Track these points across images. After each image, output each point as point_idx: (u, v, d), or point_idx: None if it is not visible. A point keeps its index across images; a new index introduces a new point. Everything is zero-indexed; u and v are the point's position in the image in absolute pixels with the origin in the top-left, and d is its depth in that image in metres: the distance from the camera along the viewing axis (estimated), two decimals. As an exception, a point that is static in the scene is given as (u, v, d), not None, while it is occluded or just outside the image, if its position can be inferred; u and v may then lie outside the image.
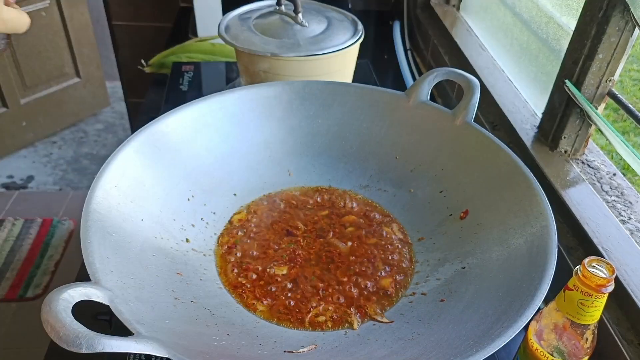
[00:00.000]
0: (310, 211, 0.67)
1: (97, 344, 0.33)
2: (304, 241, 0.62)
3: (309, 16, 0.83)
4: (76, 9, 2.15)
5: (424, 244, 0.62)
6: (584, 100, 0.65)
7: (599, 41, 0.62)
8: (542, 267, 0.46)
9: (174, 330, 0.44)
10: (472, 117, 0.63)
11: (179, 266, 0.55)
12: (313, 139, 0.71)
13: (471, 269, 0.55)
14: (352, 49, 0.80)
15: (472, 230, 0.58)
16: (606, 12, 0.61)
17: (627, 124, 1.99)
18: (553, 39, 0.77)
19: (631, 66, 2.31)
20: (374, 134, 0.70)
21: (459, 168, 0.63)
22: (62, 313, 0.34)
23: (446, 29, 1.07)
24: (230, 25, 0.83)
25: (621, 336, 0.52)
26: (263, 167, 0.70)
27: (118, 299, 0.41)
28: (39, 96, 2.19)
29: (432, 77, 0.65)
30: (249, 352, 0.47)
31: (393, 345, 0.48)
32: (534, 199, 0.53)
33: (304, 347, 0.49)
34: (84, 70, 2.30)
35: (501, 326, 0.42)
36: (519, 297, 0.45)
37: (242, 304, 0.55)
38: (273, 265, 0.59)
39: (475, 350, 0.40)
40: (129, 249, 0.50)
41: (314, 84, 0.70)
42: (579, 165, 0.70)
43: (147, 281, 0.49)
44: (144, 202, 0.56)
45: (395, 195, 0.68)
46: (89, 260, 0.44)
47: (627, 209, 0.63)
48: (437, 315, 0.51)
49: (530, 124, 0.77)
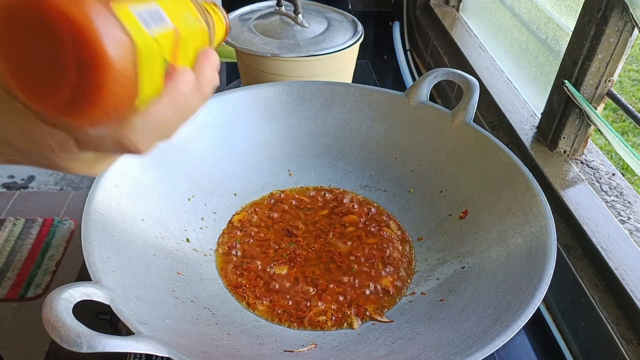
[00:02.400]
0: (310, 211, 0.67)
1: (97, 344, 0.33)
2: (304, 241, 0.62)
3: (309, 17, 0.84)
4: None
5: (423, 243, 0.62)
6: (583, 100, 0.65)
7: (598, 42, 0.62)
8: (541, 267, 0.46)
9: (175, 329, 0.44)
10: (471, 118, 0.63)
11: (179, 266, 0.55)
12: (313, 139, 0.71)
13: (470, 268, 0.55)
14: (352, 50, 0.80)
15: (472, 230, 0.58)
16: (605, 13, 0.61)
17: (626, 124, 1.99)
18: (552, 39, 0.78)
19: (630, 66, 2.31)
20: (374, 134, 0.70)
21: (458, 168, 0.63)
22: (63, 313, 0.34)
23: (446, 30, 1.08)
24: (231, 26, 0.83)
25: (620, 336, 0.52)
26: (263, 167, 0.70)
27: (119, 298, 0.42)
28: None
29: (432, 78, 0.65)
30: (249, 351, 0.47)
31: (393, 344, 0.48)
32: (533, 199, 0.53)
33: (304, 347, 0.49)
34: (84, 71, 2.30)
35: (500, 326, 0.42)
36: (518, 296, 0.45)
37: (242, 303, 0.55)
38: (273, 265, 0.59)
39: (474, 350, 0.40)
40: (129, 248, 0.50)
41: (314, 84, 0.70)
42: (578, 165, 0.70)
43: (147, 281, 0.49)
44: (144, 202, 0.56)
45: (395, 195, 0.68)
46: (90, 260, 0.44)
47: (626, 208, 0.63)
48: (436, 315, 0.51)
49: (529, 124, 0.77)
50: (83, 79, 0.18)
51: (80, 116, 0.19)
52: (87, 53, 0.17)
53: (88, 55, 0.17)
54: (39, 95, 0.19)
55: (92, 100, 0.18)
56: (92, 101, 0.18)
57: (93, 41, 0.17)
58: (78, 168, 0.24)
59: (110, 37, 0.17)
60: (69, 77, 0.18)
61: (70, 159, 0.23)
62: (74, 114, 0.19)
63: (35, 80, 0.18)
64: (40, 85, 0.18)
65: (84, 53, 0.17)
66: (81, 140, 0.22)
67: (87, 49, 0.17)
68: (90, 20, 0.17)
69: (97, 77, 0.18)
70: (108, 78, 0.18)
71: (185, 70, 0.23)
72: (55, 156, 0.23)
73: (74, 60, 0.17)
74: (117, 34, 0.18)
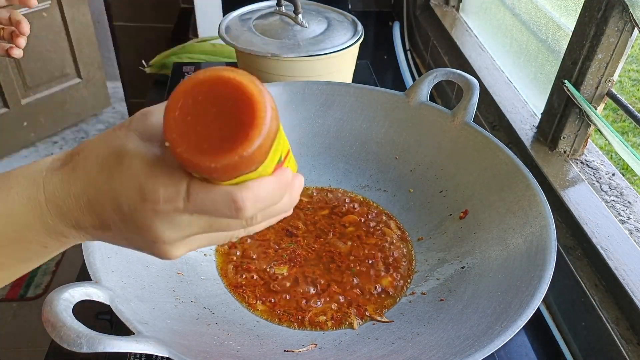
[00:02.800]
0: (310, 211, 0.67)
1: (98, 344, 0.33)
2: (304, 241, 0.62)
3: (309, 17, 0.84)
4: (77, 9, 2.15)
5: (423, 243, 0.62)
6: (583, 100, 0.65)
7: (598, 42, 0.62)
8: (541, 267, 0.46)
9: (175, 329, 0.44)
10: (471, 118, 0.63)
11: (179, 266, 0.55)
12: (313, 139, 0.71)
13: (470, 268, 0.55)
14: (351, 50, 0.80)
15: (472, 230, 0.58)
16: (605, 13, 0.61)
17: (626, 124, 1.99)
18: (552, 39, 0.78)
19: (630, 66, 2.31)
20: (374, 134, 0.70)
21: (458, 168, 0.63)
22: (63, 313, 0.34)
23: (446, 30, 1.08)
24: (231, 26, 0.83)
25: (620, 336, 0.52)
26: (263, 167, 0.70)
27: (119, 298, 0.42)
28: (40, 96, 2.19)
29: (432, 78, 0.65)
30: (249, 351, 0.47)
31: (393, 344, 0.48)
32: (533, 199, 0.53)
33: (304, 347, 0.49)
34: (85, 71, 2.30)
35: (500, 326, 0.42)
36: (518, 296, 0.45)
37: (242, 303, 0.55)
38: (273, 265, 0.59)
39: (474, 350, 0.40)
40: (129, 248, 0.50)
41: (314, 84, 0.70)
42: (578, 165, 0.70)
43: (147, 281, 0.49)
44: (144, 202, 0.56)
45: (395, 195, 0.68)
46: (90, 260, 0.44)
47: (626, 208, 0.63)
48: (436, 315, 0.51)
49: (529, 124, 0.77)
50: (241, 131, 0.23)
51: (225, 153, 0.23)
52: (250, 115, 0.23)
53: (251, 116, 0.23)
54: (204, 152, 0.24)
55: (241, 142, 0.23)
56: (240, 142, 0.23)
57: (260, 109, 0.24)
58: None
59: (268, 108, 0.24)
60: (232, 132, 0.24)
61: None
62: (223, 152, 0.23)
63: (203, 140, 0.24)
64: (207, 144, 0.24)
65: (248, 115, 0.24)
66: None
67: (252, 114, 0.23)
68: (263, 96, 0.24)
69: (252, 132, 0.23)
70: (257, 133, 0.23)
71: (289, 171, 0.28)
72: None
73: (238, 120, 0.24)
74: (271, 109, 0.24)
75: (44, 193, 0.26)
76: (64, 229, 0.27)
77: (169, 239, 0.26)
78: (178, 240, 0.27)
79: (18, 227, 0.27)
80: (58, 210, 0.26)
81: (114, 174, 0.25)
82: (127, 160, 0.25)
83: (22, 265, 0.29)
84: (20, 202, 0.26)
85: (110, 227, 0.27)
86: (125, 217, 0.26)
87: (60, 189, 0.26)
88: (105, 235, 0.28)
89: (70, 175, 0.26)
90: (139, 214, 0.25)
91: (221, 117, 0.24)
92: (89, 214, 0.26)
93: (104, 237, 0.28)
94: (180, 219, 0.25)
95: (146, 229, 0.26)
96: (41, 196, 0.26)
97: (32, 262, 0.29)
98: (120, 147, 0.26)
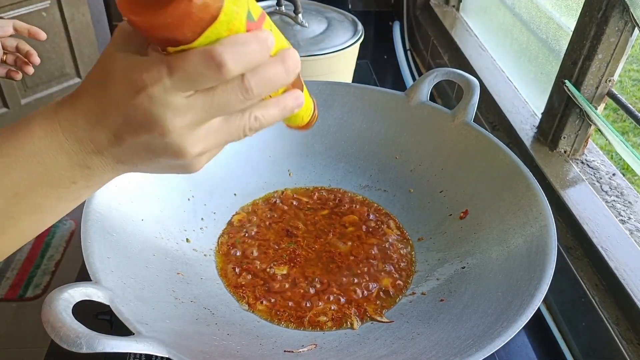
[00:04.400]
0: (310, 211, 0.67)
1: (97, 344, 0.33)
2: (304, 241, 0.62)
3: (309, 16, 0.84)
4: (77, 9, 2.15)
5: (423, 243, 0.62)
6: (584, 100, 0.65)
7: (599, 41, 0.62)
8: (541, 267, 0.46)
9: (175, 330, 0.44)
10: (471, 117, 0.63)
11: (179, 266, 0.55)
12: (313, 139, 0.71)
13: (471, 268, 0.55)
14: (352, 50, 0.80)
15: (472, 230, 0.58)
16: (605, 13, 0.61)
17: (627, 124, 1.99)
18: (552, 39, 0.78)
19: (630, 66, 2.31)
20: (374, 134, 0.70)
21: (458, 168, 0.63)
22: (63, 313, 0.34)
23: (446, 30, 1.07)
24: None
25: (620, 336, 0.52)
26: (263, 167, 0.70)
27: (118, 298, 0.41)
28: (40, 96, 2.19)
29: (432, 78, 0.65)
30: (249, 351, 0.47)
31: (393, 344, 0.48)
32: (534, 199, 0.53)
33: (304, 347, 0.49)
34: (84, 71, 2.30)
35: (500, 326, 0.42)
36: (519, 296, 0.45)
37: (242, 303, 0.55)
38: (273, 265, 0.59)
39: (474, 350, 0.40)
40: (129, 248, 0.50)
41: (314, 84, 0.70)
42: (579, 165, 0.70)
43: (147, 281, 0.49)
44: (144, 202, 0.56)
45: (395, 195, 0.68)
46: (90, 260, 0.44)
47: (626, 208, 0.63)
48: (436, 315, 0.51)
49: (529, 124, 0.77)
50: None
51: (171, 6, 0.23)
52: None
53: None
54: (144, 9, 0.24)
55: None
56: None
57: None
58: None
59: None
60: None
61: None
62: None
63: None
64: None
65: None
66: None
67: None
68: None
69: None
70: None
71: (268, 31, 0.26)
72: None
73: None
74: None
75: (58, 123, 0.28)
76: (85, 157, 0.29)
77: (174, 128, 0.27)
78: (187, 131, 0.27)
79: (44, 162, 0.29)
80: (74, 136, 0.28)
81: (106, 82, 0.27)
82: (113, 67, 0.27)
83: (60, 204, 0.31)
84: (39, 137, 0.28)
85: (123, 138, 0.28)
86: (130, 118, 0.27)
87: (71, 114, 0.28)
88: (124, 154, 0.29)
89: (76, 100, 0.29)
90: (138, 109, 0.26)
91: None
92: (101, 129, 0.28)
93: (123, 156, 0.29)
94: (176, 101, 0.26)
95: (152, 123, 0.27)
96: (56, 126, 0.28)
97: (66, 202, 0.31)
98: (106, 60, 0.28)
